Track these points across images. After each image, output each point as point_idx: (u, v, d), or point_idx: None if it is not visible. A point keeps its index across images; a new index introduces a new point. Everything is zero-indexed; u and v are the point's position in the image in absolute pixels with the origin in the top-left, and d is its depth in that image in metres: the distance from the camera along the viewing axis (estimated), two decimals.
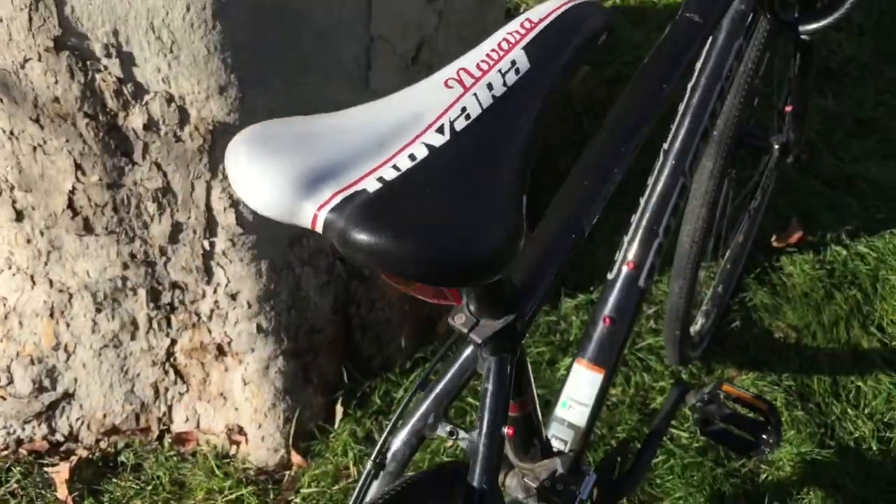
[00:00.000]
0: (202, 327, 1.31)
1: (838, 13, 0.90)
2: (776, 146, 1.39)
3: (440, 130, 0.50)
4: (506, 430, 0.67)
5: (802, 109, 1.33)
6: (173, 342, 1.32)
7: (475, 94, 0.52)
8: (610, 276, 0.99)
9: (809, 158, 1.92)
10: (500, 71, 0.52)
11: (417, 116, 0.50)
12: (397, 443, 0.73)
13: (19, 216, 1.21)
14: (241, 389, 1.34)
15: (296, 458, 1.37)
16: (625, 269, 0.98)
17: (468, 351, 0.70)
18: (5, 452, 1.34)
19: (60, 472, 1.32)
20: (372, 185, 0.48)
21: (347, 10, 1.13)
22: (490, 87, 0.52)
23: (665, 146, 0.98)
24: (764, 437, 1.07)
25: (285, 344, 1.33)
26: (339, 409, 1.41)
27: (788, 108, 1.34)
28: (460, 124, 0.50)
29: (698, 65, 0.98)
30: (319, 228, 0.47)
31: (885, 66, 2.27)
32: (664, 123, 0.99)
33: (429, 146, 0.49)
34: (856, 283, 1.72)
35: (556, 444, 0.89)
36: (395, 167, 0.48)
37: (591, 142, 0.78)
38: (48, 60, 1.05)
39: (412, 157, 0.49)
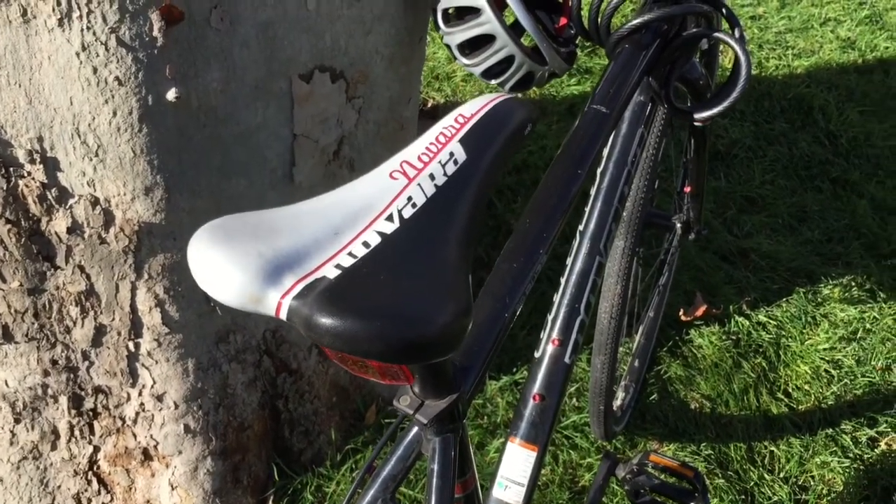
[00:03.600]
0: (127, 432, 1.28)
1: (728, 101, 0.99)
2: (678, 224, 1.48)
3: (389, 218, 0.54)
4: None
5: (700, 189, 1.43)
6: (96, 449, 1.28)
7: (419, 184, 0.56)
8: (537, 354, 1.03)
9: (709, 234, 2.05)
10: (440, 162, 0.57)
11: (367, 206, 0.54)
12: None
13: None
14: (169, 495, 1.30)
15: None
16: (550, 346, 1.02)
17: (412, 433, 0.72)
18: None
19: None
20: (331, 272, 0.50)
21: (271, 111, 1.17)
22: (432, 177, 0.56)
23: (581, 228, 1.04)
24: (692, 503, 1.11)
25: (214, 443, 1.31)
26: None
27: (687, 189, 1.43)
28: (408, 212, 0.54)
29: (605, 152, 1.05)
30: (283, 315, 0.50)
31: (767, 147, 2.45)
32: (579, 207, 1.05)
33: (380, 233, 0.53)
34: (760, 351, 1.81)
35: None
36: (350, 254, 0.51)
37: (516, 226, 0.83)
38: None
39: (366, 244, 0.52)
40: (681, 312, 1.85)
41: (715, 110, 1.00)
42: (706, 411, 1.67)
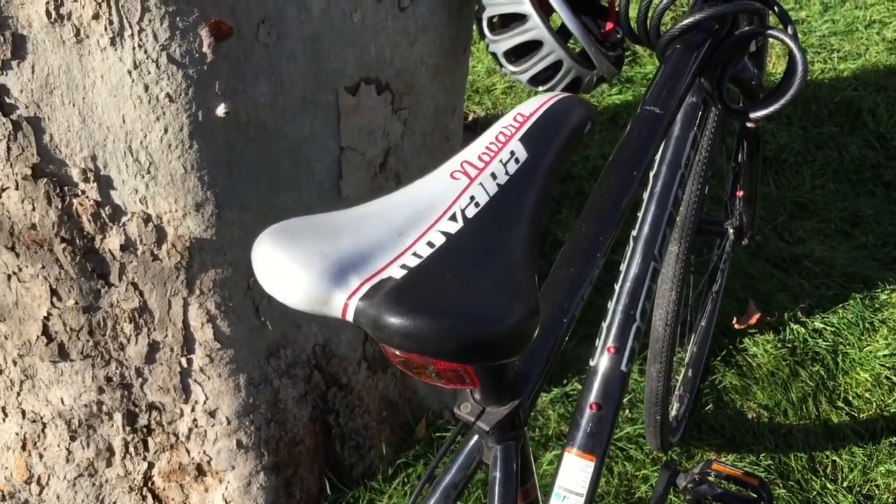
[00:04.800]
0: (180, 448, 1.28)
1: (784, 99, 0.97)
2: (731, 230, 1.45)
3: (453, 218, 0.53)
4: None
5: (752, 194, 1.40)
6: (151, 466, 1.29)
7: (481, 184, 0.55)
8: (592, 363, 1.01)
9: (761, 240, 2.01)
10: (501, 161, 0.56)
11: (429, 207, 0.53)
12: None
13: None
14: None
15: None
16: (606, 354, 1.00)
17: (473, 441, 0.71)
18: None
19: None
20: (397, 273, 0.50)
21: (318, 123, 1.17)
22: (494, 176, 0.55)
23: (634, 233, 1.03)
24: None
25: (266, 459, 1.31)
26: None
27: (740, 193, 1.40)
28: (471, 211, 0.53)
29: (658, 154, 1.04)
30: (350, 317, 0.49)
31: (817, 152, 2.41)
32: (632, 212, 1.04)
33: (444, 233, 0.52)
34: (817, 359, 1.77)
35: None
36: (415, 254, 0.51)
37: (572, 231, 0.82)
38: (25, 188, 1.06)
39: (430, 244, 0.51)
40: (734, 321, 1.81)
41: (770, 109, 0.98)
42: (764, 421, 1.63)
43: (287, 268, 0.49)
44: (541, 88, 1.15)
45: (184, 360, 1.22)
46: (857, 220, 2.16)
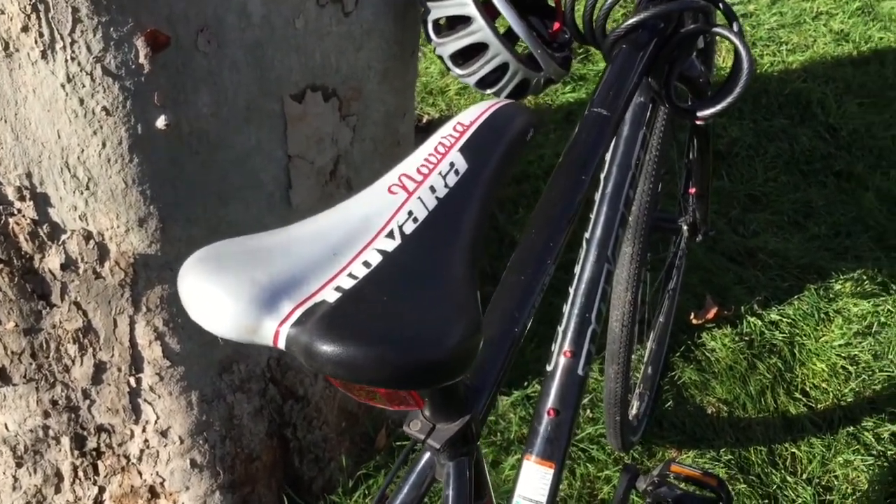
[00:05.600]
0: (132, 470, 1.24)
1: (731, 97, 0.96)
2: (685, 227, 1.45)
3: (390, 235, 0.51)
4: None
5: (704, 190, 1.40)
6: (101, 490, 1.25)
7: (419, 198, 0.53)
8: (549, 368, 1.00)
9: (715, 235, 2.02)
10: (440, 173, 0.54)
11: (366, 224, 0.51)
12: None
13: None
14: None
15: None
16: (563, 358, 0.99)
17: (425, 458, 0.69)
18: None
19: None
20: (331, 296, 0.48)
21: (264, 133, 1.14)
22: (433, 189, 0.53)
23: (587, 235, 1.01)
24: None
25: (222, 477, 1.28)
26: None
27: (692, 190, 1.40)
28: (409, 227, 0.51)
29: (608, 156, 1.03)
30: (282, 344, 0.47)
31: (768, 144, 2.43)
32: (583, 214, 1.03)
33: (381, 251, 0.50)
34: (774, 351, 1.78)
35: None
36: (350, 275, 0.48)
37: (522, 238, 0.81)
38: None
39: (366, 263, 0.49)
40: (691, 316, 1.82)
41: (718, 107, 0.97)
42: (724, 415, 1.63)
43: (214, 296, 0.46)
44: (488, 91, 1.14)
45: (132, 380, 1.18)
46: (809, 211, 2.18)
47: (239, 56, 1.06)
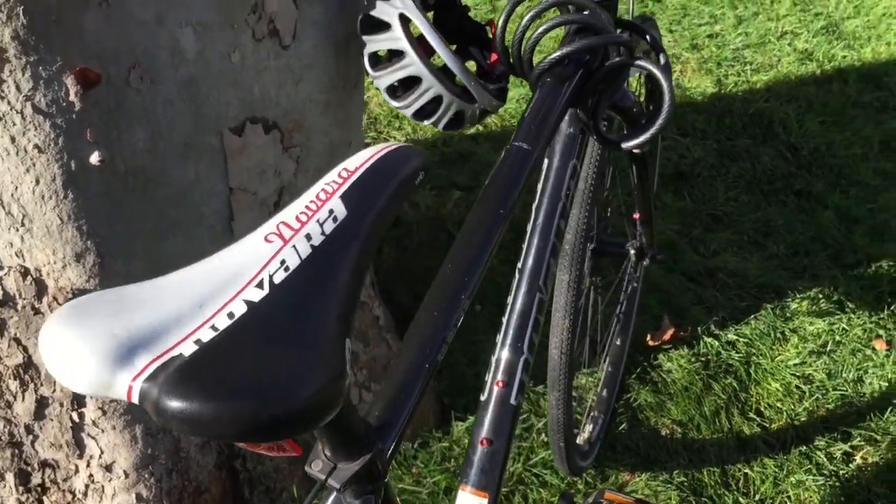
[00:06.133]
0: None
1: (652, 129, 0.98)
2: (632, 251, 1.46)
3: (259, 285, 0.51)
4: None
5: (647, 215, 1.42)
6: None
7: (294, 246, 0.53)
8: (483, 398, 1.01)
9: (674, 256, 2.03)
10: (318, 221, 0.55)
11: (237, 274, 0.51)
12: None
13: None
14: None
15: None
16: (496, 388, 0.99)
17: (332, 498, 0.69)
18: None
19: None
20: (188, 349, 0.48)
21: (204, 166, 1.15)
22: (308, 237, 0.54)
23: (519, 265, 1.03)
24: None
25: None
26: None
27: (636, 216, 1.42)
28: (279, 277, 0.52)
29: (539, 186, 1.04)
30: (136, 399, 0.47)
31: (731, 164, 2.45)
32: (517, 244, 1.04)
33: (247, 302, 0.50)
34: (731, 371, 1.79)
35: None
36: (213, 327, 0.49)
37: (439, 271, 0.81)
38: None
39: (230, 315, 0.49)
40: (648, 337, 1.83)
41: (640, 139, 0.99)
42: (678, 437, 1.64)
43: (70, 350, 0.46)
44: (426, 122, 1.15)
45: (75, 415, 1.18)
46: (768, 231, 2.20)
47: (173, 92, 1.07)
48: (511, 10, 1.03)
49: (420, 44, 1.11)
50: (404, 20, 1.08)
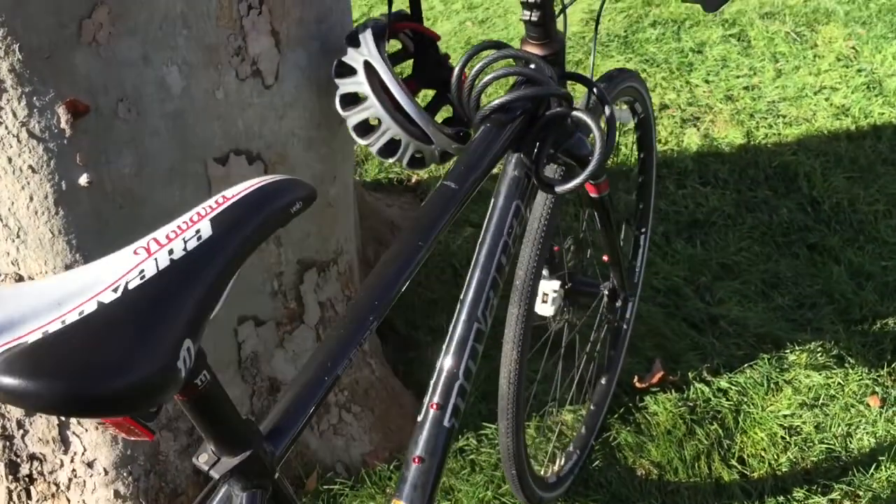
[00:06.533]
0: (61, 496, 1.35)
1: (582, 177, 1.04)
2: (605, 292, 1.51)
3: (115, 290, 0.59)
4: None
5: (615, 258, 1.47)
6: None
7: (155, 258, 0.62)
8: (419, 419, 1.07)
9: (680, 301, 2.06)
10: (183, 239, 0.63)
11: (99, 279, 0.60)
12: None
13: None
14: None
15: None
16: (431, 410, 1.06)
17: (223, 490, 0.77)
18: None
19: None
20: (34, 338, 0.56)
21: (189, 191, 1.26)
22: (171, 252, 0.62)
23: (461, 296, 1.10)
24: None
25: None
26: None
27: (605, 258, 1.47)
28: (133, 283, 0.60)
29: (484, 224, 1.11)
30: None
31: (747, 215, 2.47)
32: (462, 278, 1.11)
33: (100, 303, 0.59)
34: (717, 417, 1.81)
35: None
36: (62, 322, 0.57)
37: (355, 296, 0.89)
38: None
39: (81, 312, 0.58)
40: (636, 379, 1.86)
41: (571, 184, 1.05)
42: (653, 478, 1.67)
43: None
44: (390, 160, 1.24)
45: None
46: (776, 282, 2.21)
47: (159, 124, 1.18)
48: (466, 61, 1.11)
49: (384, 89, 1.20)
50: (369, 67, 1.17)
